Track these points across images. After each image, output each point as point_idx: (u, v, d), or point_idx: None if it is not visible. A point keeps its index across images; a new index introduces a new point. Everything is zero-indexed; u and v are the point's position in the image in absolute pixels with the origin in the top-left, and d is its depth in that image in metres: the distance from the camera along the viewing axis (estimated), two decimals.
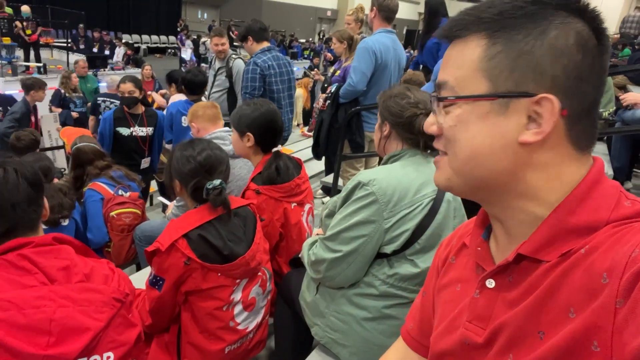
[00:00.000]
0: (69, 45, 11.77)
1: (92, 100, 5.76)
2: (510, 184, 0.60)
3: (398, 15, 3.29)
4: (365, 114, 3.24)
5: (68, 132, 3.22)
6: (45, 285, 0.97)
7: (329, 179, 3.66)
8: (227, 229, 1.52)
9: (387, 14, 3.13)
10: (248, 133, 1.90)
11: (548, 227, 0.58)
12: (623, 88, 4.64)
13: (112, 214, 2.50)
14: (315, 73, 4.06)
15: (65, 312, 0.95)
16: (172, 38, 18.79)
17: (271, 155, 1.95)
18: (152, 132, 3.65)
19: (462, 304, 0.70)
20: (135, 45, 16.37)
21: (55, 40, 13.30)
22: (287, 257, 1.96)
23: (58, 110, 6.21)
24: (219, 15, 21.51)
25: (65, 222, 2.30)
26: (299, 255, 1.60)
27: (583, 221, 0.55)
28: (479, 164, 0.60)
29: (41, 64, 10.46)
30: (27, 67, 10.36)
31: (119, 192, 2.60)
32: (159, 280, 1.44)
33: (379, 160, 3.47)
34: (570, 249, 0.55)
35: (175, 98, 4.37)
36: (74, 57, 8.57)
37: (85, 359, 0.99)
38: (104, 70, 9.22)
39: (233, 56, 3.97)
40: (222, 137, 2.44)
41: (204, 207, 1.53)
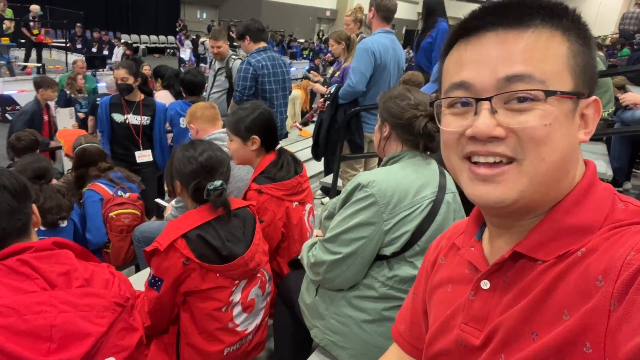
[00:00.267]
0: (68, 45, 11.75)
1: (91, 101, 5.74)
2: (560, 189, 0.59)
3: (397, 16, 3.28)
4: (364, 115, 3.23)
5: (65, 133, 3.20)
6: (46, 291, 0.95)
7: (328, 179, 3.66)
8: (226, 230, 1.53)
9: (385, 13, 3.12)
10: (253, 136, 1.90)
11: (545, 227, 0.58)
12: (622, 88, 4.64)
13: (112, 214, 2.50)
14: (313, 75, 4.07)
15: (66, 317, 0.94)
16: (171, 38, 18.76)
17: (276, 153, 1.96)
18: (149, 122, 3.44)
19: (456, 304, 0.70)
20: (134, 45, 16.35)
21: (53, 40, 13.29)
22: (288, 257, 1.95)
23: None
24: (218, 15, 21.49)
25: (64, 224, 2.30)
26: (298, 257, 1.60)
27: (580, 222, 0.56)
28: (563, 170, 0.57)
29: (40, 64, 10.45)
30: (25, 67, 10.35)
31: (118, 192, 2.60)
32: (158, 281, 1.44)
33: (379, 161, 3.47)
34: (566, 251, 0.56)
35: (162, 94, 4.35)
36: (73, 57, 8.56)
37: None
38: (103, 71, 9.20)
39: (233, 57, 3.96)
40: (221, 138, 2.44)
41: (203, 207, 1.53)
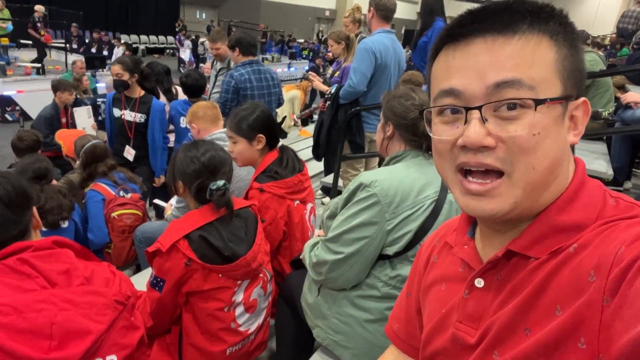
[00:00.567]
0: (67, 45, 11.75)
1: (91, 101, 5.74)
2: (552, 191, 0.58)
3: (397, 15, 3.27)
4: (365, 115, 3.23)
5: (63, 135, 3.18)
6: (46, 289, 0.96)
7: (328, 179, 3.66)
8: (228, 230, 1.53)
9: (385, 13, 3.11)
10: (259, 135, 1.91)
11: (539, 226, 0.58)
12: (622, 88, 4.64)
13: (114, 214, 2.50)
14: (312, 76, 4.10)
15: (66, 315, 0.95)
16: (170, 38, 18.75)
17: (279, 150, 1.97)
18: (144, 120, 3.32)
19: (451, 303, 0.70)
20: (134, 45, 16.36)
21: (53, 41, 13.28)
22: (290, 256, 1.95)
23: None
24: (217, 16, 21.47)
25: (65, 224, 2.30)
26: (300, 257, 1.60)
27: (573, 220, 0.57)
28: (555, 174, 0.57)
29: (39, 65, 10.43)
30: (37, 69, 10.36)
31: (120, 193, 2.60)
32: (160, 282, 1.44)
33: (379, 161, 3.47)
34: (559, 247, 0.56)
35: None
36: (73, 58, 8.56)
37: None
38: (102, 71, 9.19)
39: None
40: (222, 138, 2.43)
41: (205, 208, 1.53)
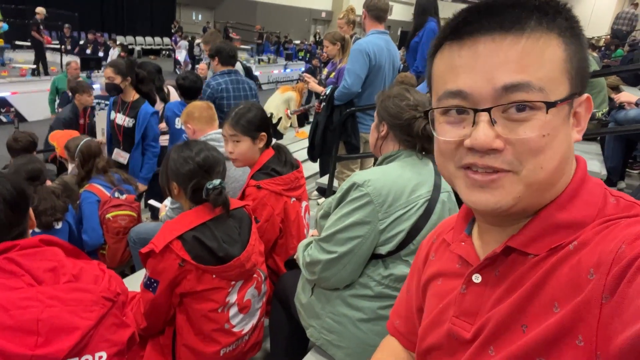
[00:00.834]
0: (62, 47, 11.71)
1: None
2: (556, 189, 0.58)
3: (392, 17, 3.30)
4: (360, 115, 3.24)
5: (57, 136, 3.17)
6: (32, 287, 0.96)
7: (324, 180, 3.66)
8: (222, 231, 1.52)
9: (376, 13, 3.11)
10: (262, 134, 1.91)
11: (539, 222, 0.58)
12: (616, 89, 4.68)
13: (108, 216, 2.50)
14: (307, 77, 4.12)
15: (52, 312, 0.95)
16: (166, 40, 18.71)
17: (274, 148, 1.97)
18: (132, 125, 3.21)
19: (448, 298, 0.70)
20: (130, 46, 16.30)
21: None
22: (286, 254, 1.95)
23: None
24: (213, 17, 21.45)
25: (59, 225, 2.29)
26: (294, 257, 1.60)
27: (573, 217, 0.57)
28: (561, 172, 0.57)
29: (34, 66, 10.39)
30: (37, 70, 10.34)
31: (115, 194, 2.59)
32: (153, 283, 1.43)
33: (374, 162, 3.47)
34: (559, 244, 0.56)
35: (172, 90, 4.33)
36: (67, 59, 8.55)
37: (77, 359, 0.98)
38: (98, 72, 9.16)
39: None
40: (216, 139, 2.43)
41: (199, 208, 1.53)
